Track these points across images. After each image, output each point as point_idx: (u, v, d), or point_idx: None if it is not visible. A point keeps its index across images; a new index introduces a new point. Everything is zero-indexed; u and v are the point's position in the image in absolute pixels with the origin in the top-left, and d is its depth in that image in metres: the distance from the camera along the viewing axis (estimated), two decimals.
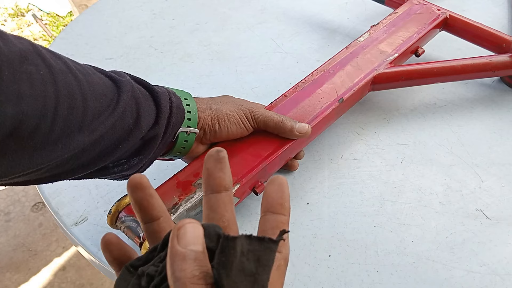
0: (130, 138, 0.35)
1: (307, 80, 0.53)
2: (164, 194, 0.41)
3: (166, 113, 0.38)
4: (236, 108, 0.44)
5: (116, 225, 0.40)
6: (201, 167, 0.44)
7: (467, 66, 0.56)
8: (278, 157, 0.46)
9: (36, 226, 1.39)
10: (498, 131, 0.57)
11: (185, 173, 0.44)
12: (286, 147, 0.46)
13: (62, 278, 1.26)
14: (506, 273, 0.43)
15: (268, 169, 0.45)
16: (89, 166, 0.34)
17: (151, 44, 0.75)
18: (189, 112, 0.41)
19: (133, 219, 0.38)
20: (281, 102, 0.51)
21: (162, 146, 0.40)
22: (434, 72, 0.56)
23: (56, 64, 0.29)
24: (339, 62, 0.55)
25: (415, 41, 0.59)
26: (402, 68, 0.55)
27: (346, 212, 0.48)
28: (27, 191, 1.48)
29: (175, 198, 0.41)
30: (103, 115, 0.32)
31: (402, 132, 0.57)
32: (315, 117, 0.49)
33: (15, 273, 1.28)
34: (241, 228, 0.47)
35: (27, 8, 2.42)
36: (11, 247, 1.34)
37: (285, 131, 0.45)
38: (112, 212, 0.40)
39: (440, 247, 0.45)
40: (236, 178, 0.43)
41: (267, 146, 0.46)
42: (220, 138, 0.44)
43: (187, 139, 0.41)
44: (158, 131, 0.37)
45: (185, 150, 0.43)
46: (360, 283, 0.43)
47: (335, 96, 0.51)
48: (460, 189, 0.50)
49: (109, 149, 0.34)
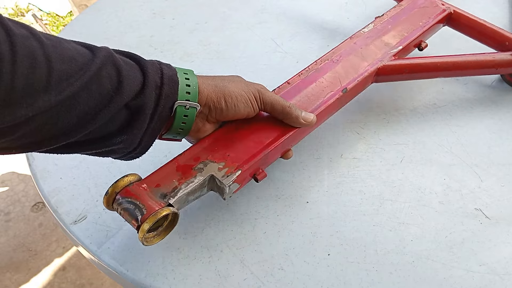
0: (111, 104, 0.34)
1: (310, 68, 0.53)
2: (163, 178, 0.40)
3: (154, 82, 0.37)
4: (244, 87, 0.43)
5: (113, 207, 0.39)
6: (202, 151, 0.43)
7: (470, 62, 0.56)
8: (280, 144, 0.45)
9: (36, 226, 1.39)
10: (498, 131, 0.57)
11: (186, 156, 0.43)
12: (289, 135, 0.45)
13: (62, 278, 1.26)
14: (505, 273, 0.43)
15: (269, 156, 0.45)
16: (71, 133, 0.34)
17: (151, 43, 0.75)
18: (188, 86, 0.40)
19: (131, 201, 0.37)
20: (285, 89, 0.50)
21: (159, 121, 0.39)
22: (437, 67, 0.56)
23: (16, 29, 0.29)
24: (343, 52, 0.55)
25: (419, 34, 0.58)
26: (406, 61, 0.55)
27: (346, 211, 0.48)
28: (27, 191, 1.48)
29: (174, 182, 0.40)
30: (72, 78, 0.32)
31: (401, 132, 0.57)
32: (318, 106, 0.48)
33: (15, 273, 1.28)
34: (241, 228, 0.47)
35: (27, 8, 2.42)
36: (11, 247, 1.34)
37: (291, 118, 0.45)
38: (109, 193, 0.38)
39: (440, 246, 0.45)
40: (238, 164, 0.42)
41: (269, 133, 0.45)
42: (227, 117, 0.44)
43: (186, 113, 0.40)
44: (146, 100, 0.36)
45: (186, 127, 0.42)
46: (360, 282, 0.43)
47: (339, 86, 0.51)
48: (460, 188, 0.50)
49: (89, 115, 0.34)
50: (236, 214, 0.48)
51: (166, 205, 0.38)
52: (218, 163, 0.42)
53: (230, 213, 0.49)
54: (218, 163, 0.42)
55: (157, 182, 0.40)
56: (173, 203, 0.39)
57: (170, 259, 0.45)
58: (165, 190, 0.39)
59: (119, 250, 0.46)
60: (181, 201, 0.40)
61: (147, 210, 0.36)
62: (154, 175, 0.41)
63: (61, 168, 0.54)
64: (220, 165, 0.42)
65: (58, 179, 0.53)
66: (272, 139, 0.45)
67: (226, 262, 0.44)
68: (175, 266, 0.44)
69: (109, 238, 0.47)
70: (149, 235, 0.38)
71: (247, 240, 0.46)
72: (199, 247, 0.46)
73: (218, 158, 0.43)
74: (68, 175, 0.53)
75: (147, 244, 0.38)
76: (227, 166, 0.42)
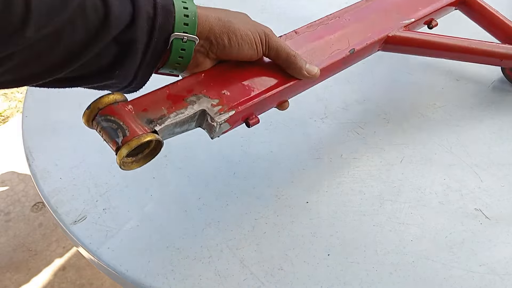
0: (98, 39, 0.32)
1: (320, 22, 0.51)
2: (151, 103, 0.37)
3: (146, 13, 0.34)
4: (250, 27, 0.40)
5: (92, 124, 0.36)
6: (197, 83, 0.40)
7: (477, 48, 0.56)
8: (278, 93, 0.43)
9: (36, 226, 1.39)
10: (498, 131, 0.57)
11: (178, 86, 0.40)
12: (289, 84, 0.43)
13: (62, 278, 1.26)
14: (505, 273, 0.43)
15: (266, 102, 0.43)
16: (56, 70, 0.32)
17: None
18: (186, 16, 0.36)
19: (114, 121, 0.34)
20: (291, 38, 0.47)
21: (154, 55, 0.36)
22: (444, 46, 0.55)
23: None
24: (356, 13, 0.54)
25: (432, 10, 0.58)
26: (415, 35, 0.55)
27: (346, 211, 0.48)
28: (27, 191, 1.48)
29: (163, 110, 0.37)
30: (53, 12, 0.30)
31: (401, 132, 0.57)
32: (322, 62, 0.46)
33: (15, 273, 1.28)
34: (241, 228, 0.47)
35: None
36: (11, 247, 1.34)
37: (295, 68, 0.42)
38: (91, 108, 0.35)
39: (440, 246, 0.45)
40: (233, 104, 0.40)
41: (269, 79, 0.43)
42: (229, 56, 0.41)
43: (184, 47, 0.37)
44: (137, 33, 0.34)
45: (184, 62, 0.39)
46: (359, 282, 0.43)
47: (347, 46, 0.49)
48: (460, 189, 0.50)
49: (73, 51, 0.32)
50: (236, 214, 0.48)
51: (151, 131, 0.35)
52: (212, 99, 0.40)
53: (230, 213, 0.49)
54: (212, 99, 0.40)
55: (144, 107, 0.37)
56: (159, 130, 0.36)
57: (170, 259, 0.45)
58: (152, 116, 0.37)
59: (119, 250, 0.46)
60: (167, 131, 0.38)
61: (130, 132, 0.34)
62: (142, 98, 0.38)
63: (61, 168, 0.54)
64: (214, 102, 0.39)
65: (58, 179, 0.53)
66: (272, 85, 0.42)
67: (226, 262, 0.44)
68: (175, 266, 0.44)
69: (109, 238, 0.47)
70: (127, 159, 0.35)
71: (247, 240, 0.46)
72: (199, 247, 0.46)
73: (213, 94, 0.40)
74: (68, 175, 0.53)
75: (124, 168, 0.36)
76: (221, 104, 0.40)
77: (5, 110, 1.72)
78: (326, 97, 0.63)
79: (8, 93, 1.79)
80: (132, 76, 0.36)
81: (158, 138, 0.35)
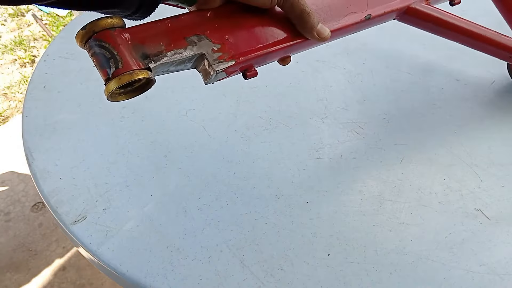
0: None
1: None
2: (150, 35, 0.35)
3: None
4: None
5: (85, 46, 0.33)
6: (202, 22, 0.38)
7: (493, 40, 0.55)
8: (283, 49, 0.41)
9: (36, 226, 1.39)
10: (498, 132, 0.57)
11: (182, 21, 0.37)
12: (296, 42, 0.41)
13: (62, 278, 1.26)
14: (505, 273, 0.43)
15: (268, 56, 0.41)
16: None
17: None
18: None
19: (108, 48, 0.32)
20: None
21: None
22: (462, 30, 0.54)
23: None
24: None
25: None
26: (435, 12, 0.53)
27: (346, 211, 0.48)
28: (27, 191, 1.48)
29: (161, 45, 0.35)
30: None
31: (401, 132, 0.57)
32: (336, 23, 0.43)
33: (15, 273, 1.28)
34: (241, 228, 0.47)
35: (27, 8, 2.42)
36: (11, 247, 1.34)
37: (306, 26, 0.40)
38: (86, 30, 0.33)
39: (440, 246, 0.45)
40: (235, 53, 0.38)
41: (277, 32, 0.40)
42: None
43: None
44: None
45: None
46: (359, 282, 0.43)
47: (365, 10, 0.46)
48: (460, 189, 0.50)
49: None
50: (236, 214, 0.48)
51: (145, 68, 0.34)
52: (214, 44, 0.37)
53: (230, 213, 0.49)
54: (214, 43, 0.37)
55: (142, 38, 0.35)
56: (153, 68, 0.34)
57: (170, 259, 0.45)
58: (148, 51, 0.35)
59: (119, 250, 0.46)
60: (162, 68, 0.36)
61: (123, 65, 0.32)
62: (141, 27, 0.35)
63: (61, 168, 0.54)
64: (215, 47, 0.37)
65: (58, 179, 0.53)
66: (277, 40, 0.40)
67: (226, 262, 0.44)
68: (175, 266, 0.44)
69: (109, 238, 0.47)
70: (116, 90, 0.34)
71: (247, 240, 0.46)
72: (199, 247, 0.46)
73: (216, 38, 0.38)
74: (68, 175, 0.53)
75: (111, 99, 0.34)
76: (222, 51, 0.37)
77: (5, 110, 1.72)
78: (326, 97, 0.63)
79: (8, 93, 1.80)
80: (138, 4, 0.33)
81: (151, 77, 0.34)
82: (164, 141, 0.57)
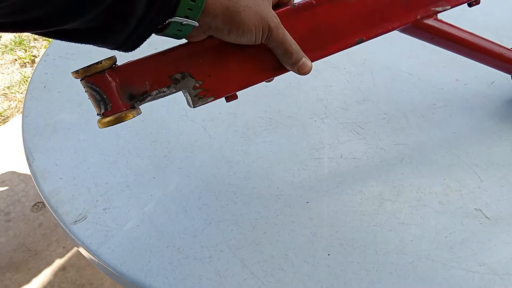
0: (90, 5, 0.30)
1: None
2: (138, 74, 0.38)
3: None
4: (256, 21, 0.38)
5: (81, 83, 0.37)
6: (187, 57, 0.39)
7: (502, 54, 0.53)
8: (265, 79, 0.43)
9: (36, 226, 1.39)
10: (498, 132, 0.57)
11: (168, 58, 0.39)
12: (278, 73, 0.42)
13: (62, 278, 1.26)
14: (505, 273, 0.43)
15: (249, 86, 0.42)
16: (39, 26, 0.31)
17: (151, 42, 0.75)
18: (193, 2, 0.34)
19: (98, 91, 0.36)
20: (306, 10, 0.42)
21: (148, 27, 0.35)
22: (467, 45, 0.52)
23: None
24: None
25: None
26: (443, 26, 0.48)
27: (346, 211, 0.48)
28: (27, 191, 1.48)
29: (147, 85, 0.38)
30: None
31: (401, 132, 0.57)
32: (323, 49, 0.43)
33: (15, 273, 1.28)
34: (241, 228, 0.47)
35: None
36: (11, 247, 1.34)
37: (288, 62, 0.41)
38: (79, 73, 0.36)
39: (440, 246, 0.45)
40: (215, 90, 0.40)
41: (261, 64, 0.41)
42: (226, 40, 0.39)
43: (180, 29, 0.36)
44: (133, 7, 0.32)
45: (177, 37, 0.38)
46: (359, 282, 0.43)
47: (357, 31, 0.43)
48: (460, 189, 0.50)
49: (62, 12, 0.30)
50: (236, 214, 0.48)
51: (131, 107, 0.38)
52: (196, 81, 0.40)
53: (230, 213, 0.49)
54: (196, 81, 0.40)
55: (129, 78, 0.38)
56: (139, 106, 0.38)
57: (170, 259, 0.45)
58: (134, 91, 0.38)
59: (119, 250, 0.46)
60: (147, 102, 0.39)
61: (112, 108, 0.36)
62: (129, 66, 0.38)
63: (61, 168, 0.54)
64: (197, 83, 0.40)
65: (58, 179, 0.53)
66: (260, 74, 0.42)
67: (226, 262, 0.44)
68: (175, 266, 0.44)
69: (109, 238, 0.47)
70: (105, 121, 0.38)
71: (247, 240, 0.46)
72: (199, 247, 0.46)
73: (198, 75, 0.40)
74: (68, 175, 0.53)
75: (101, 127, 0.37)
76: (203, 88, 0.40)
77: (5, 110, 1.72)
78: (326, 97, 0.63)
79: (8, 93, 1.80)
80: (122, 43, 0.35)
81: (137, 114, 0.38)
82: (164, 141, 0.57)
